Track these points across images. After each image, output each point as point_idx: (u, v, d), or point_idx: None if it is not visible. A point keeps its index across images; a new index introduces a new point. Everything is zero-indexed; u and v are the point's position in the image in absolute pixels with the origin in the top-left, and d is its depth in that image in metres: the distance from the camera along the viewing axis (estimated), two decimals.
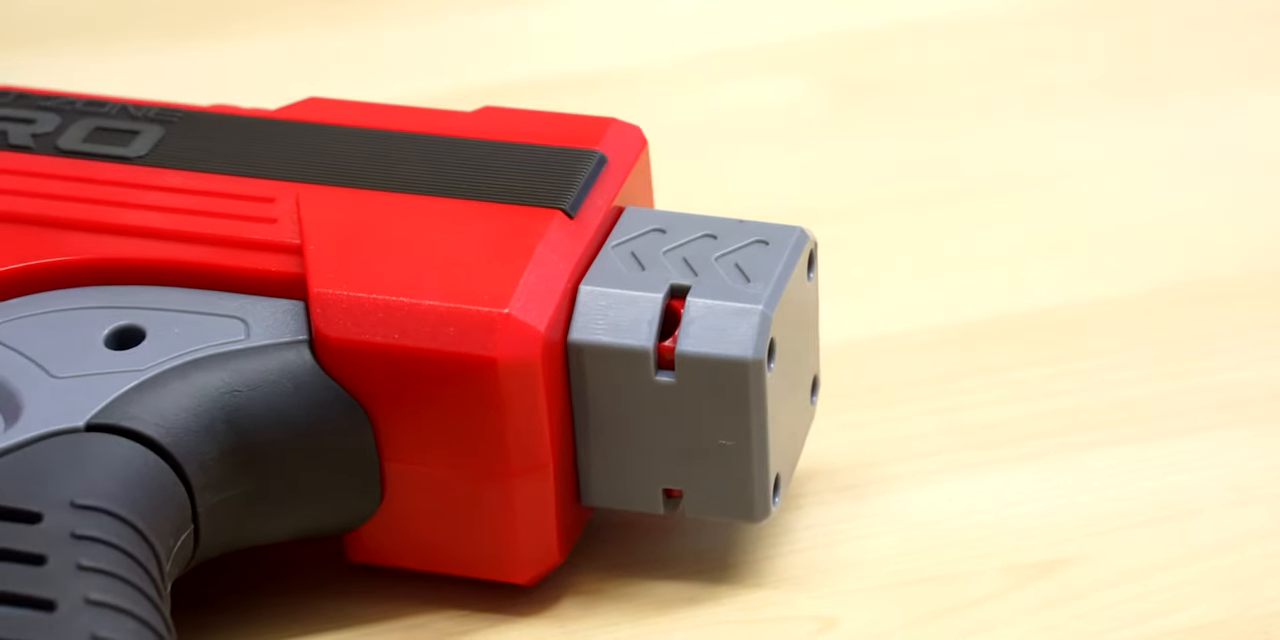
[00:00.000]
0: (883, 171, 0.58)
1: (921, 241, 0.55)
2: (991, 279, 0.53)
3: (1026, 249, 0.55)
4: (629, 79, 0.62)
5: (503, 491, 0.42)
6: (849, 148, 0.59)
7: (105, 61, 0.62)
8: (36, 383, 0.41)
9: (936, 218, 0.56)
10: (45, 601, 0.35)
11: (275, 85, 0.60)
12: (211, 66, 0.62)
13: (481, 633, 0.43)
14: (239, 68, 0.62)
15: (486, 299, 0.41)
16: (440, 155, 0.45)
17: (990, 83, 0.61)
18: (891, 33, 0.64)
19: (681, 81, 0.62)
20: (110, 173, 0.45)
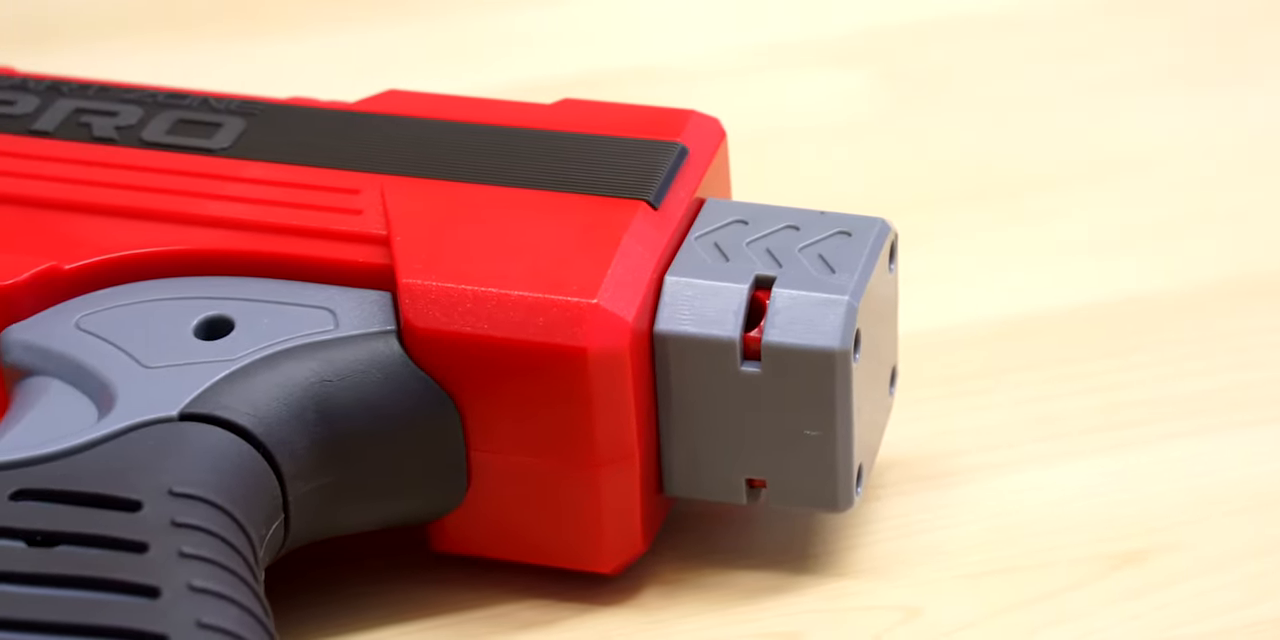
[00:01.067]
0: (943, 165, 0.58)
1: (988, 233, 0.55)
2: (1062, 270, 0.54)
3: (1092, 241, 0.55)
4: (689, 73, 0.62)
5: (589, 481, 0.42)
6: (909, 141, 0.59)
7: (177, 54, 0.63)
8: (129, 372, 0.41)
9: (1001, 210, 0.56)
10: (149, 588, 0.36)
11: (345, 78, 0.60)
12: (280, 60, 0.62)
13: (566, 622, 0.44)
14: (308, 61, 0.62)
15: (575, 289, 0.42)
16: (522, 147, 0.45)
17: (1047, 76, 0.62)
18: (950, 26, 0.64)
19: (742, 75, 0.62)
20: (195, 164, 0.45)
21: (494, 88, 0.51)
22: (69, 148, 0.46)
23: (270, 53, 0.63)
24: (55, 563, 0.36)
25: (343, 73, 0.61)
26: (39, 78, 0.48)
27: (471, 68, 0.63)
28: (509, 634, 0.43)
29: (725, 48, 0.64)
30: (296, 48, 0.63)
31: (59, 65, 0.52)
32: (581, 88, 0.52)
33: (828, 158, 0.59)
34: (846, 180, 0.58)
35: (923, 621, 0.43)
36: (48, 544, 0.37)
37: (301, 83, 0.54)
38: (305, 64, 0.62)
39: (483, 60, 0.63)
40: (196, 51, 0.63)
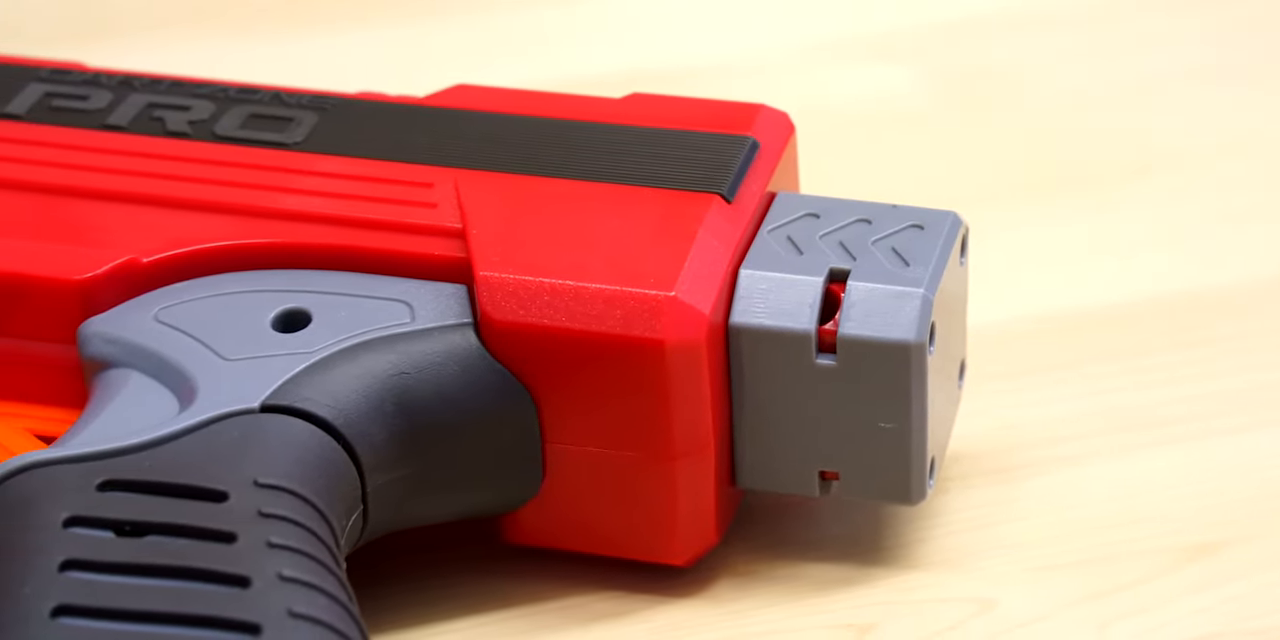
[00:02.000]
0: (992, 159, 0.58)
1: (1043, 228, 0.56)
2: (1120, 265, 0.54)
3: (1148, 235, 0.55)
4: (734, 68, 0.63)
5: (665, 473, 0.42)
6: (956, 136, 0.60)
7: (236, 50, 0.63)
8: (209, 365, 0.42)
9: (1055, 205, 0.56)
10: (239, 578, 0.36)
11: (402, 73, 0.61)
12: (339, 55, 0.63)
13: (640, 613, 0.44)
14: (366, 56, 0.63)
15: (652, 282, 0.42)
16: (593, 140, 0.46)
17: (1094, 71, 0.62)
18: (993, 23, 0.64)
19: (790, 71, 0.62)
20: (269, 158, 0.46)
21: (544, 84, 0.51)
22: (144, 142, 0.46)
23: (329, 47, 0.63)
24: (146, 552, 0.36)
25: (400, 67, 0.62)
26: (110, 73, 0.48)
27: (518, 64, 0.63)
28: (583, 625, 0.44)
29: (770, 43, 0.64)
30: (353, 42, 0.63)
31: (120, 61, 0.53)
32: (628, 84, 0.52)
33: (873, 153, 0.59)
34: (895, 175, 0.58)
35: (997, 613, 0.43)
36: (136, 534, 0.37)
37: (359, 77, 0.54)
38: (362, 59, 0.62)
39: (529, 56, 0.63)
40: (254, 47, 0.63)
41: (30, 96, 0.47)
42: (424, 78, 0.53)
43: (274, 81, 0.49)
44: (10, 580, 0.36)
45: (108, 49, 0.58)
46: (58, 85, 0.48)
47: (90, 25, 0.65)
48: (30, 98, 0.47)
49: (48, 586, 0.35)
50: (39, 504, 0.37)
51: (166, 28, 0.65)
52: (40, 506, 0.37)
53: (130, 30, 0.64)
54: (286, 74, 0.52)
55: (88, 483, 0.38)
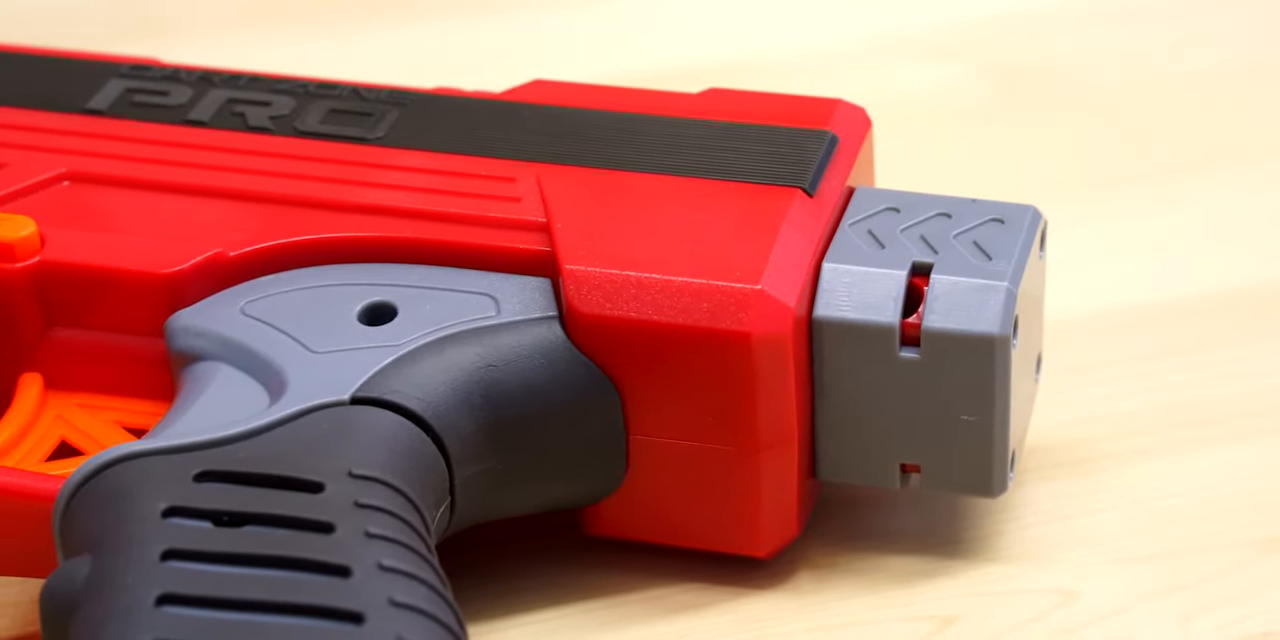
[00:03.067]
0: (1052, 154, 0.59)
1: (1105, 223, 0.56)
2: (1183, 259, 0.54)
3: (1210, 229, 0.55)
4: (790, 65, 0.63)
5: (750, 465, 0.43)
6: (1014, 131, 0.60)
7: (302, 45, 0.63)
8: (298, 357, 0.42)
9: (1116, 199, 0.57)
10: (340, 568, 0.36)
11: (466, 68, 0.61)
12: (406, 51, 0.63)
13: (722, 605, 0.44)
14: (432, 52, 0.63)
15: (738, 275, 0.42)
16: (673, 135, 0.46)
17: (1147, 67, 0.62)
18: (1045, 17, 0.64)
19: (845, 67, 0.63)
20: (352, 153, 0.46)
21: (603, 80, 0.52)
22: (226, 137, 0.46)
23: (399, 43, 0.63)
24: (245, 542, 0.37)
25: (465, 63, 0.62)
26: (189, 68, 0.49)
27: (574, 60, 0.63)
28: (666, 616, 0.44)
29: (825, 40, 0.64)
30: (422, 38, 0.64)
31: (186, 57, 0.53)
32: (686, 80, 0.52)
33: (930, 149, 0.59)
34: (952, 170, 0.58)
35: (1079, 605, 0.43)
36: (234, 524, 0.37)
37: (429, 73, 0.55)
38: (430, 55, 0.63)
39: (588, 53, 0.64)
40: (317, 43, 0.63)
41: (111, 92, 0.48)
42: (489, 74, 0.53)
43: (343, 78, 0.49)
44: (113, 570, 0.36)
45: (161, 48, 0.58)
46: (138, 81, 0.48)
47: (143, 24, 0.65)
48: (111, 93, 0.48)
49: (150, 576, 0.36)
50: (137, 494, 0.38)
51: (228, 24, 0.65)
52: (138, 497, 0.38)
53: (186, 28, 0.65)
54: (352, 70, 0.52)
55: (184, 474, 0.38)
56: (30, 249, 0.43)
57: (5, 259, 0.43)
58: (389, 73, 0.52)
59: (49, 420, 0.43)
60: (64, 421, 0.44)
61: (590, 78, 0.51)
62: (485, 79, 0.51)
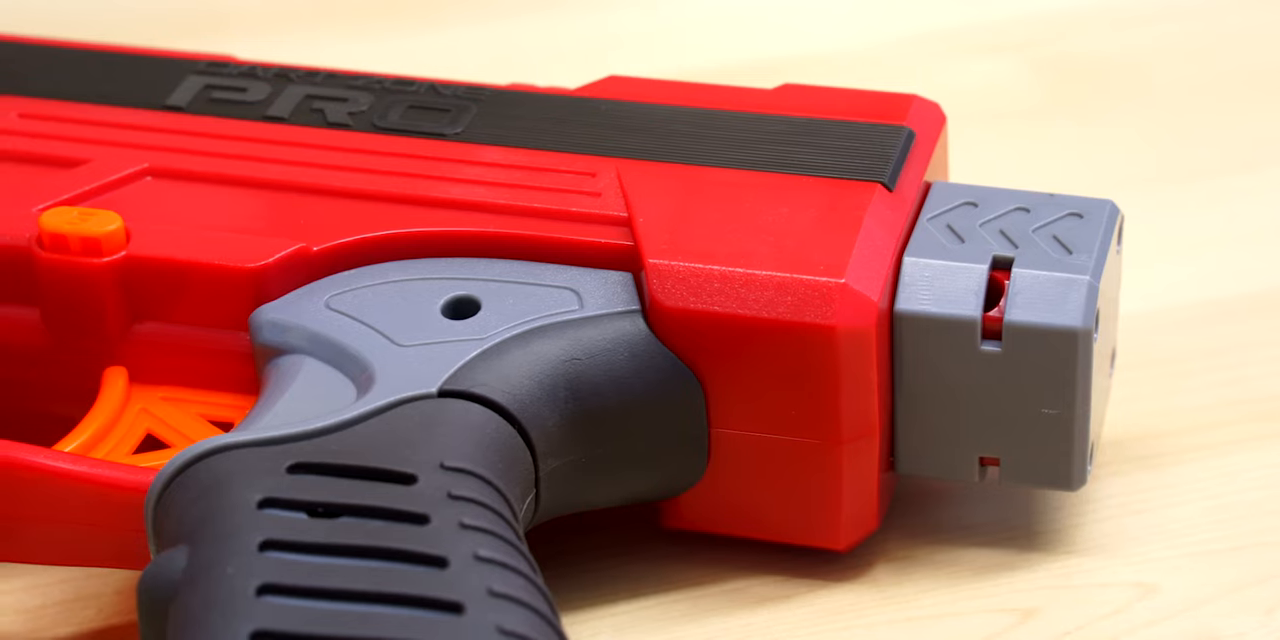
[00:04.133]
0: (1110, 150, 0.59)
1: (1172, 218, 0.56)
2: (1250, 254, 0.54)
3: (1276, 224, 0.55)
4: (845, 60, 0.63)
5: (832, 458, 0.43)
6: (1071, 126, 0.60)
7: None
8: (384, 351, 0.42)
9: (1181, 194, 0.57)
10: (437, 558, 0.36)
11: (540, 64, 0.61)
12: (473, 47, 0.63)
13: (802, 597, 0.44)
14: (503, 48, 0.63)
15: (822, 269, 0.42)
16: (750, 130, 0.46)
17: (1202, 63, 0.62)
18: (1100, 13, 0.64)
19: (898, 62, 0.63)
20: (431, 148, 0.46)
21: (657, 76, 0.52)
22: (306, 133, 0.47)
23: (464, 40, 0.64)
24: (341, 533, 0.37)
25: (530, 60, 0.63)
26: (265, 65, 0.49)
27: (634, 57, 0.64)
28: (747, 608, 0.44)
29: (877, 36, 0.64)
30: (487, 35, 0.64)
31: (241, 53, 0.53)
32: (739, 76, 0.52)
33: (985, 145, 0.60)
34: (1008, 167, 0.59)
35: (1160, 598, 0.44)
36: (329, 515, 0.38)
37: (496, 69, 0.55)
38: (496, 51, 0.63)
39: (645, 50, 0.64)
40: (383, 40, 0.64)
41: (190, 89, 0.48)
42: (555, 71, 0.53)
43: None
44: (212, 560, 0.36)
45: (216, 44, 0.59)
46: (215, 77, 0.48)
47: (195, 21, 0.65)
48: (190, 90, 0.48)
49: (250, 566, 0.36)
50: (232, 486, 0.38)
51: (286, 21, 0.65)
52: (233, 488, 0.38)
53: (237, 26, 0.65)
54: (421, 68, 0.53)
55: (277, 465, 0.39)
56: (116, 244, 0.44)
57: (92, 254, 0.43)
58: (458, 70, 0.53)
59: (134, 413, 0.44)
60: (149, 415, 0.44)
61: (649, 75, 0.52)
62: (552, 76, 0.51)
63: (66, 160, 0.46)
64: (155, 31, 0.63)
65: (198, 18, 0.65)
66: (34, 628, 0.44)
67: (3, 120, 0.47)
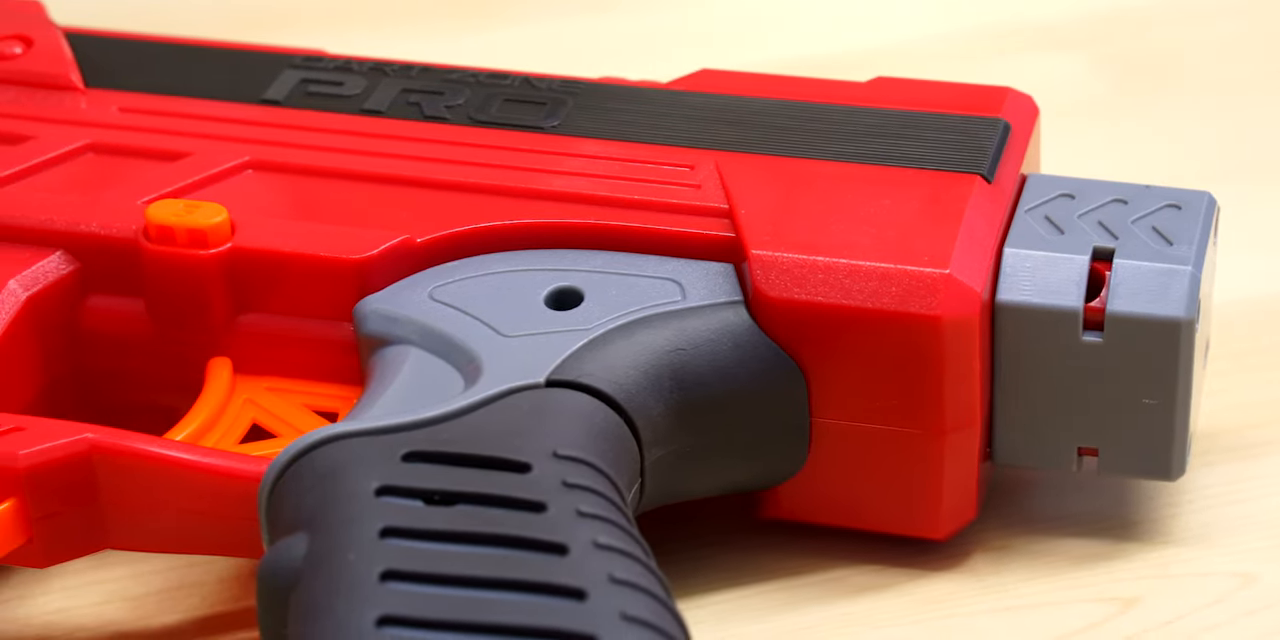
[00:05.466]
0: (1178, 145, 0.59)
1: (1245, 211, 0.56)
2: None
3: None
4: (909, 57, 0.63)
5: (934, 448, 0.43)
6: (1137, 122, 0.60)
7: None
8: (489, 341, 0.43)
9: (1249, 189, 0.57)
10: (557, 545, 0.37)
11: (622, 58, 0.62)
12: (552, 41, 0.64)
13: (901, 586, 0.45)
14: (576, 43, 0.64)
15: (926, 260, 0.43)
16: (846, 123, 0.46)
17: (1267, 58, 0.62)
18: (1168, 8, 0.64)
19: (965, 58, 0.63)
20: (530, 141, 0.47)
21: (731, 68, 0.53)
22: (404, 126, 0.47)
23: (543, 35, 0.64)
24: (460, 520, 0.37)
25: (611, 54, 0.63)
26: (359, 59, 0.49)
27: (696, 53, 0.64)
28: (846, 597, 0.44)
29: (944, 32, 0.64)
30: (569, 29, 0.65)
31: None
32: (800, 71, 0.53)
33: (1056, 139, 0.60)
34: (1077, 162, 0.59)
35: (1261, 588, 0.44)
36: (445, 503, 0.38)
37: (582, 62, 0.55)
38: (576, 45, 0.64)
39: (705, 46, 0.64)
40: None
41: (287, 83, 0.48)
42: (637, 64, 0.54)
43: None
44: (333, 547, 0.37)
45: (285, 39, 0.59)
46: (311, 71, 0.49)
47: (261, 16, 0.66)
48: (287, 84, 0.48)
49: (372, 553, 0.36)
50: (348, 474, 0.38)
51: (354, 16, 0.66)
52: (349, 477, 0.38)
53: (306, 21, 0.65)
54: (503, 63, 0.53)
55: (392, 454, 0.39)
56: (222, 236, 0.44)
57: (198, 245, 0.44)
58: (539, 65, 0.53)
59: (240, 404, 0.44)
60: (254, 405, 0.44)
61: (725, 67, 0.52)
62: (634, 69, 0.52)
63: (168, 154, 0.47)
64: (219, 27, 0.64)
65: (262, 14, 0.65)
66: (139, 615, 0.45)
67: (104, 114, 0.47)
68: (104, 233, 0.44)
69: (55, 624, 0.44)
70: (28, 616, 0.44)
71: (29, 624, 0.44)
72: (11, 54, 0.49)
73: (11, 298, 0.44)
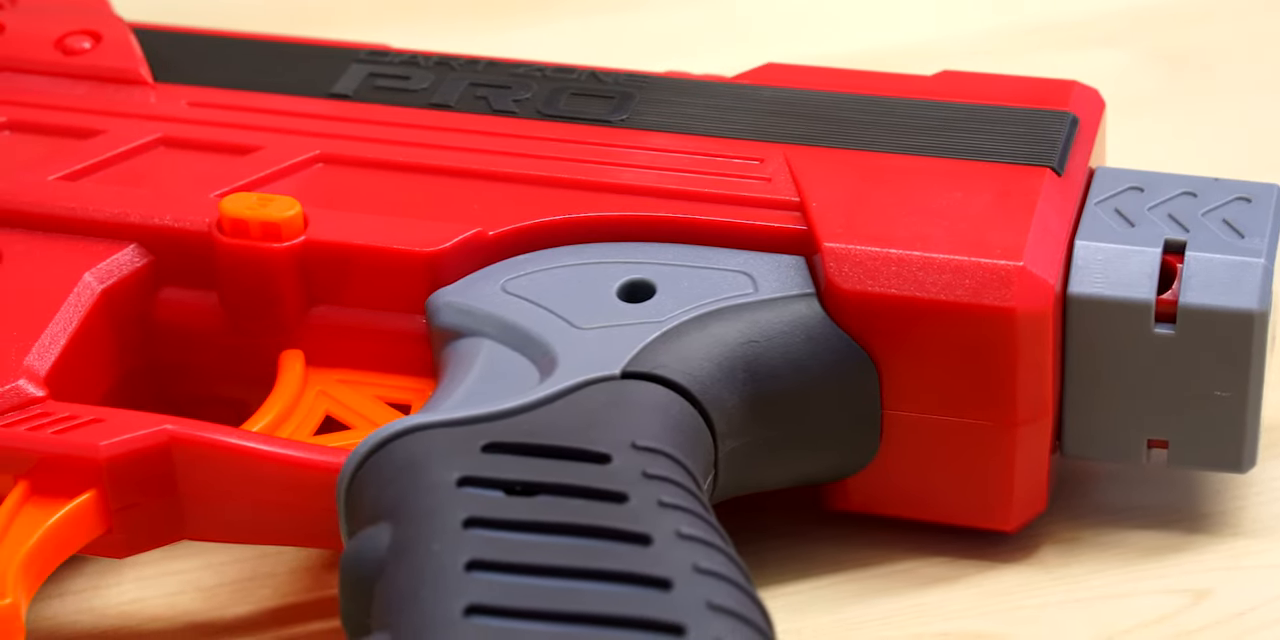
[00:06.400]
0: (1231, 140, 0.59)
1: None
2: None
3: None
4: (957, 53, 0.63)
5: (1006, 440, 0.43)
6: (1189, 118, 0.60)
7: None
8: (563, 333, 0.43)
9: None
10: (641, 536, 0.37)
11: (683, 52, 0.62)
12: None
13: (969, 578, 0.45)
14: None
15: (1000, 252, 0.43)
16: (914, 116, 0.47)
17: None
18: (1211, 4, 0.65)
19: (1011, 53, 0.63)
20: (598, 135, 0.47)
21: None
22: (473, 120, 0.47)
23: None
24: (543, 511, 0.37)
25: (670, 48, 0.63)
26: (425, 54, 0.50)
27: (739, 48, 0.64)
28: (917, 589, 0.44)
29: (994, 28, 0.64)
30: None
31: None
32: (848, 66, 0.53)
33: (1110, 134, 0.60)
34: (1138, 155, 0.59)
35: None
36: (527, 493, 0.38)
37: (642, 56, 0.55)
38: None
39: (748, 41, 0.64)
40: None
41: (354, 77, 0.49)
42: (699, 58, 0.54)
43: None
44: (417, 537, 0.37)
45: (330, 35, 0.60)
46: (377, 66, 0.49)
47: (304, 11, 0.66)
48: (355, 78, 0.49)
49: (456, 543, 0.37)
50: (429, 465, 0.39)
51: (384, 14, 0.66)
52: (430, 467, 0.39)
53: (344, 17, 0.66)
54: (560, 57, 0.53)
55: (472, 445, 0.39)
56: (295, 229, 0.44)
57: (272, 238, 0.44)
58: (595, 58, 0.53)
59: (313, 396, 0.44)
60: (327, 397, 0.44)
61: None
62: (694, 63, 0.52)
63: (238, 147, 0.47)
64: (261, 22, 0.64)
65: (306, 9, 0.66)
66: (212, 606, 0.45)
67: (174, 109, 0.48)
68: (177, 226, 0.45)
69: (130, 614, 0.44)
70: (104, 607, 0.44)
71: (105, 614, 0.44)
72: (81, 49, 0.49)
73: (87, 290, 0.44)
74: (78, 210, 0.45)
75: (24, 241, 0.45)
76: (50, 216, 0.45)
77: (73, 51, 0.49)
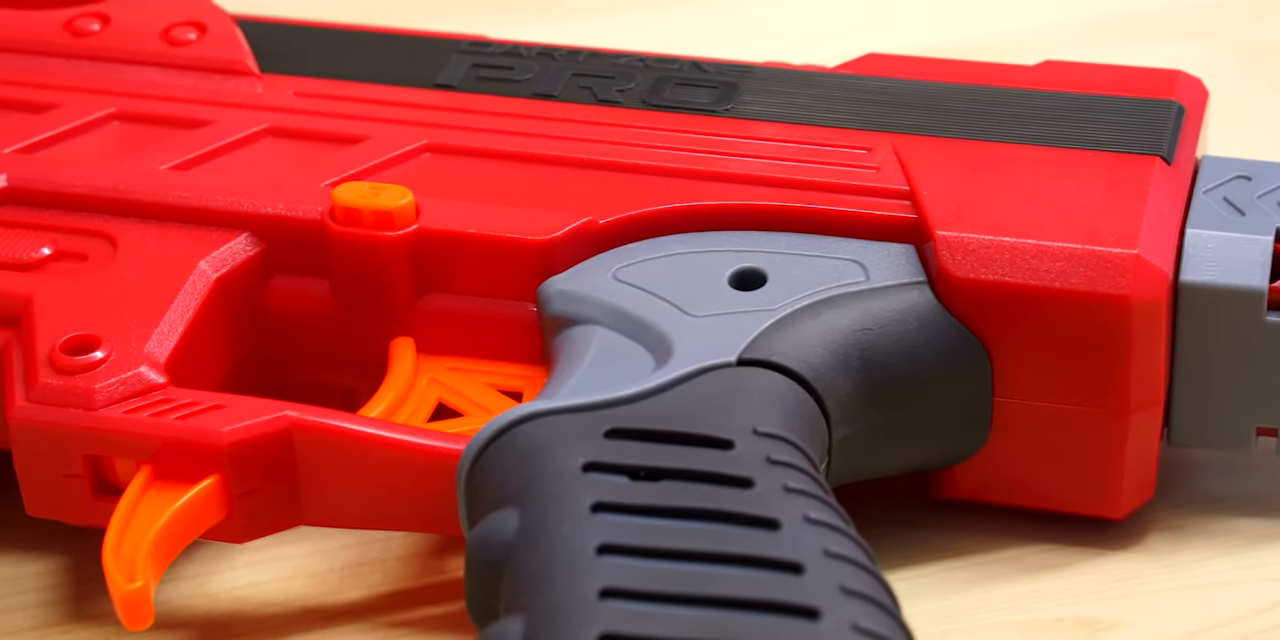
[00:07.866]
0: None
1: None
2: None
3: None
4: (1030, 46, 0.63)
5: (1118, 428, 0.43)
6: (1264, 110, 0.60)
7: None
8: (677, 321, 0.43)
9: None
10: (769, 520, 0.37)
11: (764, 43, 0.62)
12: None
13: (1079, 565, 0.45)
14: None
15: (1114, 240, 0.43)
16: (1019, 105, 0.47)
17: None
18: None
19: (1085, 46, 0.63)
20: (705, 124, 0.47)
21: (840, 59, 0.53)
22: (579, 110, 0.47)
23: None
24: (669, 496, 0.38)
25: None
26: (526, 44, 0.50)
27: (830, 38, 0.64)
28: (1029, 575, 0.45)
29: (1066, 21, 0.65)
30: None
31: None
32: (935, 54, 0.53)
33: None
34: (1225, 145, 0.59)
35: None
36: (651, 479, 0.38)
37: (732, 46, 0.56)
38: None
39: (810, 36, 0.64)
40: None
41: (458, 67, 0.49)
42: (784, 48, 0.54)
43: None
44: (545, 522, 0.37)
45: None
46: (480, 56, 0.49)
47: (374, 5, 0.66)
48: (459, 68, 0.49)
49: (585, 527, 0.37)
50: (553, 450, 0.39)
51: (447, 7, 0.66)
52: (554, 453, 0.39)
53: (419, 8, 0.66)
54: (654, 45, 0.54)
55: (594, 431, 0.39)
56: (407, 218, 0.44)
57: (385, 227, 0.44)
58: (687, 48, 0.53)
59: (425, 383, 0.45)
60: (439, 384, 0.45)
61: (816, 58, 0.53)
62: (792, 53, 0.52)
63: (346, 137, 0.47)
64: (345, 12, 0.64)
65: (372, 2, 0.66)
66: (323, 591, 0.45)
67: (281, 99, 0.48)
68: (290, 214, 0.45)
69: (245, 599, 0.45)
70: (218, 592, 0.45)
71: (219, 599, 0.45)
72: (186, 40, 0.49)
73: (202, 279, 0.44)
74: (190, 199, 0.45)
75: (138, 230, 0.45)
76: (164, 205, 0.45)
77: (179, 43, 0.49)
